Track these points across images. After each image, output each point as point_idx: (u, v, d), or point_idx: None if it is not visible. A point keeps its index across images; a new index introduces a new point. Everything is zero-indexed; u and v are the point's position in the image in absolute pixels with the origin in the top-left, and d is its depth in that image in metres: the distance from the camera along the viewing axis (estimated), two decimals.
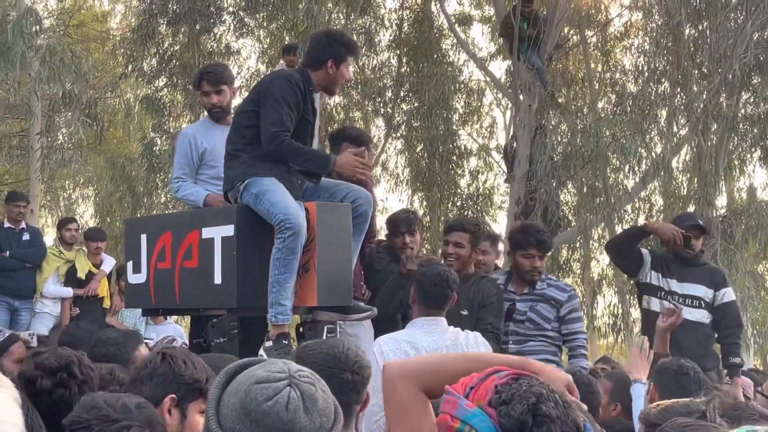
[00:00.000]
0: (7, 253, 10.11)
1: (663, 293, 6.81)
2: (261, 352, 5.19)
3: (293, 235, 4.98)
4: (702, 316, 6.81)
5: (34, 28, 11.46)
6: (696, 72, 14.62)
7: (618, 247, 7.40)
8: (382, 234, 7.19)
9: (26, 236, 10.32)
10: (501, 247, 8.20)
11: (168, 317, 10.75)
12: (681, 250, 6.79)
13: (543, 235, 6.46)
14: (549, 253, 6.58)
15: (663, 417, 3.21)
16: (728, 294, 6.92)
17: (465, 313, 5.97)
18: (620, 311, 18.00)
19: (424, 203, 18.91)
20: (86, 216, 23.50)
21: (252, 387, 1.95)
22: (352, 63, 5.70)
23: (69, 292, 10.14)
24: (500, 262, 8.14)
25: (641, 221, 17.34)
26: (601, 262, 19.66)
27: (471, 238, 6.44)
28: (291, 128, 5.23)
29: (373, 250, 6.62)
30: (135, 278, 5.80)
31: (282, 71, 6.11)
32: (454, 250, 6.34)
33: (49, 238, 17.07)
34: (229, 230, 5.22)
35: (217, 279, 5.27)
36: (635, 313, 18.71)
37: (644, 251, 7.02)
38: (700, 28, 14.42)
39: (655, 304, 6.79)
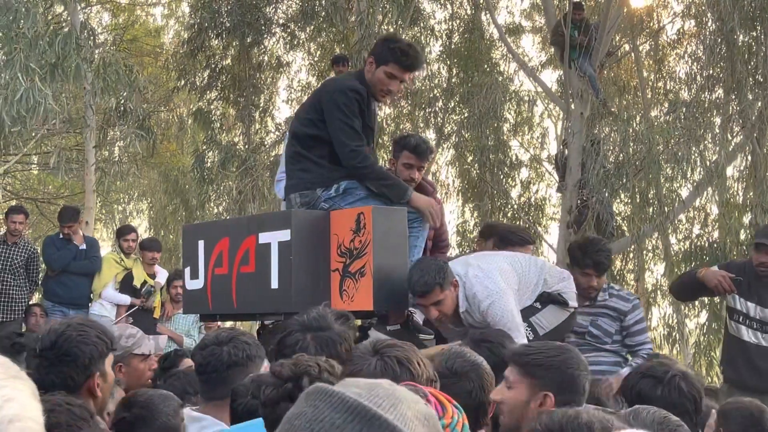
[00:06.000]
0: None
1: (742, 317, 6.51)
2: None
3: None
4: None
5: (89, 42, 11.63)
6: (751, 79, 14.45)
7: (679, 296, 7.33)
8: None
9: (82, 246, 10.50)
10: None
11: (219, 326, 10.85)
12: (756, 269, 6.44)
13: (601, 255, 6.18)
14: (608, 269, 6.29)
15: None
16: None
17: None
18: (675, 321, 17.80)
19: (475, 213, 18.86)
20: (140, 229, 23.79)
21: None
22: (396, 73, 5.37)
23: (127, 300, 10.27)
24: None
25: (698, 236, 17.16)
26: (656, 272, 19.48)
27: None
28: (364, 138, 5.29)
29: None
30: (192, 284, 5.84)
31: (341, 81, 6.05)
32: None
33: (104, 251, 17.33)
34: (285, 235, 5.23)
35: (274, 284, 5.28)
36: (690, 324, 18.52)
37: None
38: (754, 34, 14.26)
39: (740, 330, 6.50)
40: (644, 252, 18.43)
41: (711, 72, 14.90)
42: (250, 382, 3.18)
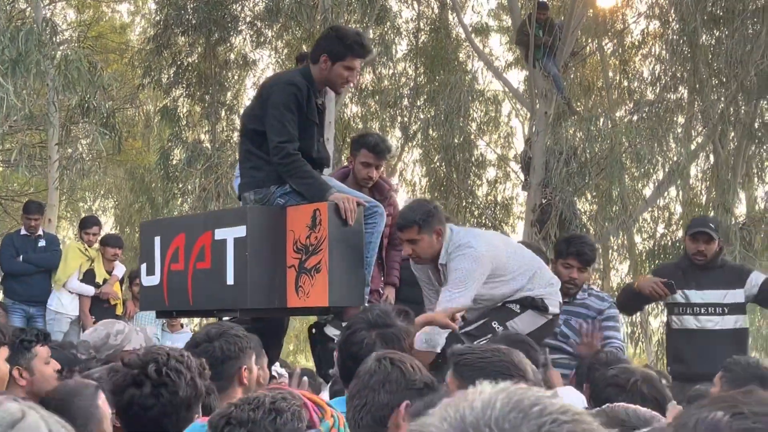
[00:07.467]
0: (21, 257, 10.22)
1: (684, 307, 6.65)
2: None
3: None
4: (729, 322, 6.60)
5: (51, 38, 11.54)
6: (714, 80, 14.61)
7: (625, 310, 7.39)
8: None
9: (42, 243, 10.42)
10: None
11: (184, 326, 10.82)
12: (692, 259, 6.68)
13: (585, 246, 6.28)
14: (591, 267, 6.45)
15: None
16: (757, 277, 6.67)
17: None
18: (639, 320, 17.93)
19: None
20: (107, 227, 23.63)
21: None
22: (355, 65, 5.44)
23: (91, 290, 10.19)
24: None
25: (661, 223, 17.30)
26: (620, 271, 19.59)
27: None
28: (295, 133, 5.28)
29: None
30: (149, 280, 5.83)
31: (281, 76, 6.09)
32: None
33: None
34: (241, 231, 5.24)
35: (230, 280, 5.29)
36: (654, 323, 18.65)
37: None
38: (717, 34, 14.41)
39: (685, 321, 6.64)
40: (609, 251, 18.55)
41: (674, 72, 15.04)
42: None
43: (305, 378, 5.27)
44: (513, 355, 3.43)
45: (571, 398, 4.67)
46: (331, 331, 5.37)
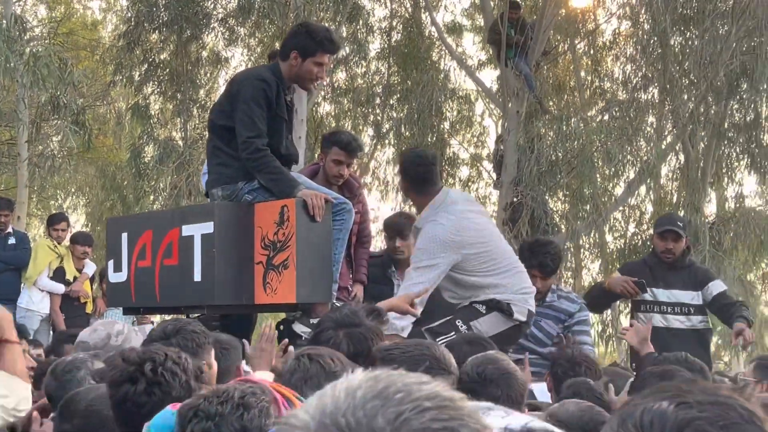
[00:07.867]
0: None
1: (650, 305, 6.71)
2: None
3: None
4: (694, 322, 6.71)
5: (20, 35, 11.45)
6: (685, 80, 14.69)
7: (594, 308, 7.47)
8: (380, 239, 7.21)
9: (12, 240, 10.32)
10: None
11: (154, 321, 10.75)
12: (661, 257, 6.79)
13: (547, 257, 6.27)
14: (555, 274, 6.51)
15: None
16: (716, 286, 6.79)
17: None
18: (609, 319, 18.01)
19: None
20: (78, 225, 23.48)
21: None
22: (326, 61, 5.47)
23: (61, 288, 10.11)
24: None
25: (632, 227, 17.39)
26: (592, 270, 19.68)
27: None
28: (264, 128, 5.27)
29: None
30: (116, 277, 5.81)
31: (250, 71, 6.10)
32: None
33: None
34: (208, 227, 5.23)
35: (197, 276, 5.28)
36: (625, 322, 18.72)
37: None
38: (687, 35, 14.49)
39: (651, 320, 6.59)
40: (581, 250, 18.62)
41: (645, 72, 15.11)
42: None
43: (291, 348, 5.24)
44: (436, 350, 3.44)
45: (545, 395, 4.70)
46: (299, 328, 5.36)
